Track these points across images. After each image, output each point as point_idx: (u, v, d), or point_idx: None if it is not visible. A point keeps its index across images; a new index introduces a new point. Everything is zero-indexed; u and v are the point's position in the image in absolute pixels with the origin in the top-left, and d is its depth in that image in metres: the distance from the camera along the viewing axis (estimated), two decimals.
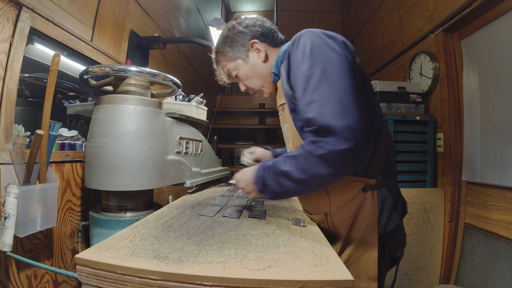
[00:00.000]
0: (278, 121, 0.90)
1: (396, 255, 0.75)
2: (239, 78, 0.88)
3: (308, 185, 0.63)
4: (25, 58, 0.87)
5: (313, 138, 0.59)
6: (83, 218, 1.09)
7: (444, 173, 1.84)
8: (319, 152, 0.57)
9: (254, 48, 0.83)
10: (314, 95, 0.60)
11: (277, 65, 0.81)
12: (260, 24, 0.85)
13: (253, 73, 0.85)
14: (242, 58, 0.84)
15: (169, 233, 0.62)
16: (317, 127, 0.58)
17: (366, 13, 3.14)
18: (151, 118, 0.94)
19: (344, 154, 0.55)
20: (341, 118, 0.56)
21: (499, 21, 1.51)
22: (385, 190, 0.73)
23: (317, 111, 0.59)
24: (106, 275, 0.46)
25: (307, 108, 0.61)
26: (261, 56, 0.83)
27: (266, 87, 0.87)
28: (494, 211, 1.52)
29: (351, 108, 0.57)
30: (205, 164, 1.40)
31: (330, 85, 0.59)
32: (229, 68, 0.87)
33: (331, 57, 0.62)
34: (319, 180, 0.61)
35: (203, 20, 3.15)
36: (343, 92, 0.58)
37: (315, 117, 0.58)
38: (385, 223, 0.72)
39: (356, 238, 0.73)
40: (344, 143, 0.55)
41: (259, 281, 0.43)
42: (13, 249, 0.70)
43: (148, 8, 1.73)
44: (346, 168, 0.59)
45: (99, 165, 0.87)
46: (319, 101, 0.59)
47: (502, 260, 1.47)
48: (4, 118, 0.79)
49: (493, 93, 1.58)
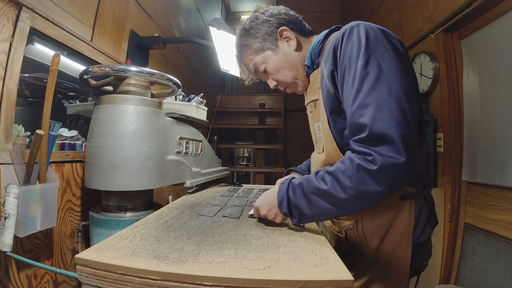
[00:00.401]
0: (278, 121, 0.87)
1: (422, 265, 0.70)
2: (268, 72, 0.79)
3: (351, 205, 0.54)
4: (25, 58, 0.87)
5: (362, 148, 0.52)
6: (83, 218, 1.09)
7: (444, 173, 1.84)
8: (369, 166, 0.50)
9: (283, 37, 0.75)
10: (369, 97, 0.53)
11: (311, 57, 0.74)
12: (285, 12, 0.78)
13: (284, 64, 0.76)
14: (271, 49, 0.76)
15: (169, 233, 0.62)
16: (370, 135, 0.51)
17: (366, 13, 3.14)
18: (151, 118, 0.94)
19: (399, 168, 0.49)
20: (399, 127, 0.49)
21: (499, 21, 1.51)
22: (422, 199, 0.68)
23: (372, 116, 0.51)
24: (106, 275, 0.46)
25: (360, 111, 0.53)
26: (292, 45, 0.75)
27: (300, 78, 0.78)
28: (494, 211, 1.52)
29: (409, 115, 0.51)
30: (205, 164, 1.40)
31: (388, 87, 0.52)
32: (256, 62, 0.78)
33: (390, 55, 0.55)
34: (365, 200, 0.52)
35: (203, 20, 3.15)
36: (402, 96, 0.52)
37: (369, 123, 0.51)
38: (419, 234, 0.66)
39: (388, 250, 0.67)
40: (400, 156, 0.49)
41: (259, 281, 0.43)
42: (13, 249, 0.70)
43: (148, 8, 1.73)
44: (399, 184, 0.52)
45: (99, 165, 0.87)
46: (375, 105, 0.52)
47: (502, 260, 1.47)
48: (4, 118, 0.79)
49: (493, 93, 1.58)
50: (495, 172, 1.54)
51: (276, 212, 0.66)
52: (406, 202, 0.65)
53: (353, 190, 0.52)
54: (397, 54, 0.56)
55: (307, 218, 0.61)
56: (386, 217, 0.66)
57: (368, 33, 0.57)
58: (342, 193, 0.53)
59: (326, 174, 0.56)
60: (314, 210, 0.58)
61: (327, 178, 0.56)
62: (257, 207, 0.71)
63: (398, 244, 0.66)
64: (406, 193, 0.65)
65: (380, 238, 0.67)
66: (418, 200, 0.67)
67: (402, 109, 0.51)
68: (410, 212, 0.65)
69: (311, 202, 0.58)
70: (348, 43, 0.59)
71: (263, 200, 0.70)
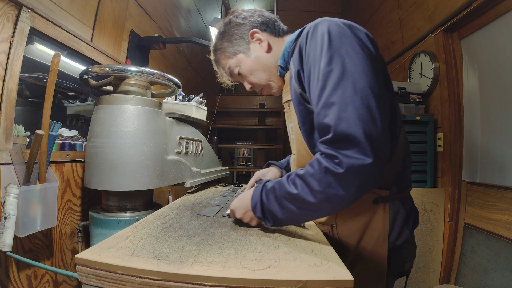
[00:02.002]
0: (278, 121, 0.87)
1: (403, 268, 0.68)
2: (243, 75, 0.79)
3: (321, 209, 0.53)
4: (25, 58, 0.87)
5: (328, 150, 0.49)
6: (83, 218, 1.09)
7: (444, 173, 1.84)
8: (336, 169, 0.48)
9: (255, 39, 0.75)
10: (333, 96, 0.50)
11: (284, 58, 0.73)
12: (259, 14, 0.77)
13: (257, 66, 0.76)
14: (243, 52, 0.76)
15: (169, 233, 0.62)
16: (335, 136, 0.49)
17: (366, 13, 3.14)
18: (151, 118, 0.94)
19: (367, 170, 0.47)
20: (365, 126, 0.47)
21: (499, 21, 1.51)
22: (399, 202, 0.66)
23: (336, 116, 0.49)
24: (106, 275, 0.46)
25: (325, 111, 0.51)
26: (263, 47, 0.75)
27: (273, 80, 0.78)
28: (494, 211, 1.52)
29: (376, 113, 0.48)
30: (205, 164, 1.40)
31: (353, 84, 0.50)
32: (230, 65, 0.79)
33: (355, 51, 0.52)
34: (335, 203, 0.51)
35: (203, 20, 3.15)
36: (368, 93, 0.49)
37: (333, 124, 0.49)
38: (395, 238, 0.65)
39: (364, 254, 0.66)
40: (367, 157, 0.46)
41: (259, 281, 0.43)
42: (13, 249, 0.70)
43: (148, 8, 1.73)
44: (369, 186, 0.50)
45: (99, 165, 0.87)
46: (339, 104, 0.49)
47: (502, 260, 1.47)
48: (4, 118, 0.79)
49: (493, 93, 1.58)
50: (495, 172, 1.54)
51: (251, 216, 0.66)
52: (379, 206, 0.64)
53: (322, 194, 0.50)
54: (364, 49, 0.53)
55: (280, 222, 0.60)
56: (360, 222, 0.65)
57: (331, 29, 0.55)
58: (311, 197, 0.52)
59: (297, 178, 0.55)
60: (286, 214, 0.57)
61: (297, 182, 0.54)
62: (233, 209, 0.70)
63: (373, 249, 0.65)
64: (379, 197, 0.63)
65: (355, 243, 0.66)
66: (393, 203, 0.65)
67: (368, 107, 0.48)
68: (385, 216, 0.64)
69: (283, 206, 0.57)
70: (312, 41, 0.58)
71: (238, 203, 0.69)
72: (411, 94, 1.98)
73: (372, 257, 0.65)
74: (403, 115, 1.88)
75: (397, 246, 0.66)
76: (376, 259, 0.65)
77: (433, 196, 1.82)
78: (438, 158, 1.90)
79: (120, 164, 0.87)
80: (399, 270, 0.69)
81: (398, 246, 0.66)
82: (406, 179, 0.68)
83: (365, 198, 0.64)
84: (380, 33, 2.75)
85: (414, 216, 0.71)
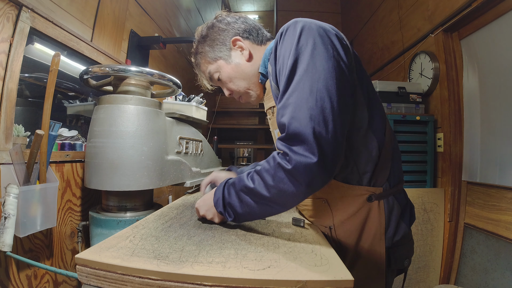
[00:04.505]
0: None
1: (403, 265, 0.69)
2: (222, 81, 0.79)
3: (275, 203, 0.56)
4: (25, 58, 0.87)
5: (282, 147, 0.52)
6: (83, 218, 1.09)
7: (444, 173, 1.84)
8: (286, 165, 0.50)
9: (236, 46, 0.75)
10: (291, 97, 0.53)
11: (264, 64, 0.74)
12: (243, 20, 0.77)
13: (236, 74, 0.76)
14: (223, 58, 0.76)
15: (169, 233, 0.62)
16: (288, 134, 0.51)
17: (366, 13, 3.14)
18: (151, 118, 0.94)
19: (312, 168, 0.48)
20: (315, 126, 0.49)
21: (499, 21, 1.51)
22: (392, 197, 0.67)
23: (290, 115, 0.51)
24: (106, 275, 0.46)
25: (283, 111, 0.53)
26: (244, 55, 0.75)
27: (252, 89, 0.78)
28: (494, 211, 1.52)
29: (329, 114, 0.50)
30: (205, 164, 1.40)
31: (310, 85, 0.51)
32: (210, 70, 0.79)
33: (320, 52, 0.53)
34: (286, 198, 0.54)
35: (203, 20, 3.15)
36: (324, 95, 0.50)
37: (287, 122, 0.51)
38: (392, 234, 0.66)
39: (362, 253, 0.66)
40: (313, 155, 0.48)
41: (259, 281, 0.43)
42: (13, 249, 0.70)
43: (148, 8, 1.73)
44: (316, 184, 0.51)
45: (99, 165, 0.87)
46: (294, 104, 0.51)
47: (502, 260, 1.47)
48: (4, 118, 0.79)
49: (493, 93, 1.58)
50: (495, 172, 1.54)
51: (214, 212, 0.67)
52: (374, 203, 0.64)
53: (275, 189, 0.53)
54: (330, 51, 0.54)
55: (240, 217, 0.62)
56: (357, 221, 0.66)
57: (302, 31, 0.56)
58: (266, 191, 0.54)
59: (254, 173, 0.58)
60: (245, 208, 0.59)
61: (254, 177, 0.57)
62: (197, 207, 0.72)
63: (371, 247, 0.65)
64: (373, 194, 0.64)
65: (354, 242, 0.67)
66: (387, 199, 0.66)
67: (322, 108, 0.50)
68: (380, 213, 0.65)
69: (241, 200, 0.59)
70: (283, 42, 0.59)
71: (202, 202, 0.71)
72: (411, 94, 1.98)
73: (371, 255, 0.65)
74: (403, 115, 1.88)
75: (396, 242, 0.66)
76: (375, 257, 0.65)
77: (433, 196, 1.82)
78: (438, 158, 1.90)
79: (120, 164, 0.87)
80: (398, 267, 0.69)
81: (396, 243, 0.66)
82: (397, 174, 0.69)
83: (359, 197, 0.65)
84: (380, 33, 2.75)
85: (410, 210, 0.71)
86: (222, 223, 0.72)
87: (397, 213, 0.67)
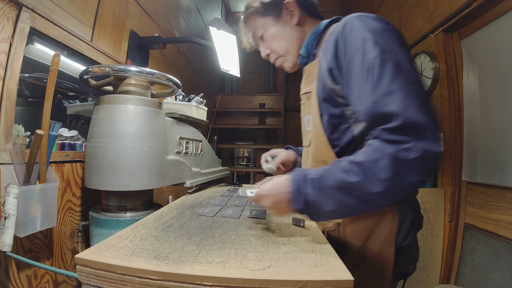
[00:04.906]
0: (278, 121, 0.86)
1: (407, 270, 0.69)
2: (264, 39, 0.80)
3: (383, 199, 0.49)
4: (25, 58, 0.87)
5: (396, 137, 0.47)
6: (83, 218, 1.09)
7: (444, 173, 1.84)
8: (410, 155, 0.46)
9: (288, 10, 0.75)
10: (394, 83, 0.49)
11: (307, 47, 0.74)
12: None
13: (281, 34, 0.76)
14: (272, 16, 0.76)
15: (169, 233, 0.62)
16: (402, 124, 0.47)
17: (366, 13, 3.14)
18: (151, 118, 0.94)
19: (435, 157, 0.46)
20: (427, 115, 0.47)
21: (499, 21, 1.51)
22: (407, 205, 0.66)
23: (401, 103, 0.47)
24: (106, 275, 0.46)
25: (386, 99, 0.49)
26: (293, 18, 0.75)
27: (291, 54, 0.78)
28: (494, 211, 1.52)
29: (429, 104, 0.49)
30: (205, 164, 1.40)
31: (405, 75, 0.50)
32: (256, 25, 0.79)
33: (398, 45, 0.54)
34: (402, 192, 0.48)
35: (203, 20, 3.15)
36: (419, 85, 0.50)
37: (399, 111, 0.47)
38: (402, 240, 0.65)
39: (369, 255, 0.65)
40: (437, 144, 0.46)
41: (259, 281, 0.43)
42: (13, 249, 0.70)
43: (148, 8, 1.72)
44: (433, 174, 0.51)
45: (99, 165, 0.87)
46: (403, 92, 0.48)
47: (502, 260, 1.47)
48: (4, 118, 0.79)
49: (493, 93, 1.58)
50: (495, 172, 1.54)
51: (283, 207, 0.58)
52: (389, 208, 0.64)
53: (392, 182, 0.47)
54: (404, 44, 0.56)
55: (325, 215, 0.55)
56: (369, 222, 0.65)
57: (374, 23, 0.56)
58: (379, 186, 0.47)
59: (353, 165, 0.50)
60: (340, 206, 0.52)
61: (355, 169, 0.50)
62: (261, 195, 0.60)
63: (380, 250, 0.64)
64: None
65: (361, 243, 0.66)
66: (402, 205, 0.65)
67: (424, 98, 0.50)
68: (394, 218, 0.64)
69: (336, 198, 0.52)
70: (352, 35, 0.57)
71: (269, 191, 0.60)
72: None
73: (378, 259, 0.64)
74: None
75: (402, 247, 0.66)
76: (382, 261, 0.64)
77: (433, 196, 1.82)
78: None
79: (120, 164, 0.87)
80: (403, 271, 0.69)
81: (403, 247, 0.66)
82: None
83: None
84: None
85: (419, 220, 0.71)
86: (222, 223, 0.72)
87: (409, 222, 0.66)
